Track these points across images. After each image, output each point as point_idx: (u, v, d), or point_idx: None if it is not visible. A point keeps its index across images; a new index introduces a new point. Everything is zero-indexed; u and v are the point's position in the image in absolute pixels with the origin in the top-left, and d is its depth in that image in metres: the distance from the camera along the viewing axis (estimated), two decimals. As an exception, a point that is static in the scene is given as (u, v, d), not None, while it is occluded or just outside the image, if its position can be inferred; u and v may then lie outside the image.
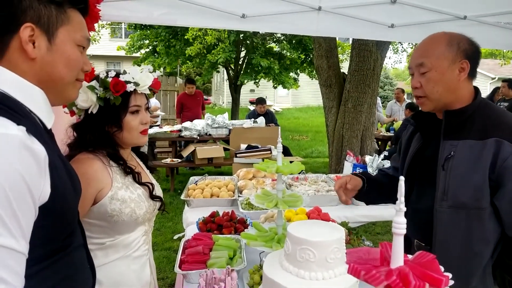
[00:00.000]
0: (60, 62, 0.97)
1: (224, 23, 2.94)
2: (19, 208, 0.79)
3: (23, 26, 0.90)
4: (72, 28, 0.99)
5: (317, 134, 14.80)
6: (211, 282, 1.42)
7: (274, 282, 1.05)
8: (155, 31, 13.41)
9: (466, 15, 2.81)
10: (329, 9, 2.84)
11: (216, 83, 31.39)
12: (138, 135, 1.56)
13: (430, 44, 1.52)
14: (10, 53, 0.92)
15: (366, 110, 6.13)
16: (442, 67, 1.47)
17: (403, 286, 0.70)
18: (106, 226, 1.45)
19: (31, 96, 0.93)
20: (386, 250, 0.79)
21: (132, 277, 1.52)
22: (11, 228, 0.77)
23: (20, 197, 0.79)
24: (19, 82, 0.92)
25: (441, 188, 1.50)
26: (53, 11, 0.95)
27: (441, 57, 1.47)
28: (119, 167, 1.52)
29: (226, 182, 3.16)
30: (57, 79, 0.98)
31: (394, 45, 16.10)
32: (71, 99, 1.08)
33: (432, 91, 1.49)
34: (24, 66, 0.93)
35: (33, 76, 0.94)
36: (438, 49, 1.48)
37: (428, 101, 1.53)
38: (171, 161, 6.59)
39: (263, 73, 14.38)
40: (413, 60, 1.54)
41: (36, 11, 0.92)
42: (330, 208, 2.62)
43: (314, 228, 1.15)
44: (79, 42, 1.01)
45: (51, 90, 0.98)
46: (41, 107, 0.95)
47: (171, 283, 3.58)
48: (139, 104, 1.55)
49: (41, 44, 0.93)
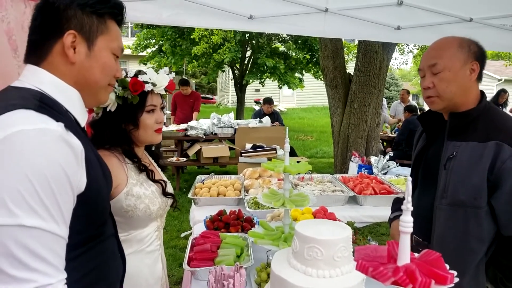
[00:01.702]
0: (96, 68, 1.05)
1: (232, 24, 2.97)
2: (60, 196, 0.85)
3: (67, 32, 0.99)
4: (110, 38, 1.07)
5: (321, 134, 14.81)
6: (220, 278, 1.45)
7: (282, 280, 1.08)
8: (162, 30, 13.47)
9: (472, 18, 2.82)
10: (336, 11, 2.86)
11: (222, 83, 31.44)
12: (153, 134, 1.61)
13: (442, 46, 1.57)
14: (53, 57, 1.00)
15: (372, 111, 6.14)
16: (455, 67, 1.52)
17: (409, 282, 0.72)
18: (121, 221, 1.48)
19: (67, 97, 1.01)
20: (393, 248, 0.82)
21: (145, 271, 1.56)
22: (54, 214, 0.84)
23: (61, 185, 0.86)
24: (58, 83, 1.00)
25: (442, 186, 1.57)
26: (95, 21, 1.03)
27: (454, 58, 1.52)
28: (134, 164, 1.56)
29: (233, 181, 3.19)
30: (92, 83, 1.06)
31: (400, 46, 16.07)
32: (102, 102, 1.17)
33: (445, 90, 1.53)
34: (64, 69, 1.01)
35: (71, 78, 1.02)
36: (450, 51, 1.53)
37: (439, 100, 1.57)
38: (177, 160, 6.63)
39: (269, 73, 14.42)
40: (424, 62, 1.58)
41: (79, 20, 1.01)
42: (336, 208, 2.65)
43: (322, 226, 1.17)
44: (114, 51, 1.09)
45: (86, 92, 1.06)
46: (76, 107, 1.03)
47: (177, 280, 3.62)
48: (155, 104, 1.60)
49: (81, 50, 1.01)
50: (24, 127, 0.83)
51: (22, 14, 1.93)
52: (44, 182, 0.82)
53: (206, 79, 16.85)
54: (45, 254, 0.82)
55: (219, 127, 6.99)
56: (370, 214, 2.83)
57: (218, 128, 6.99)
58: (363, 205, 2.93)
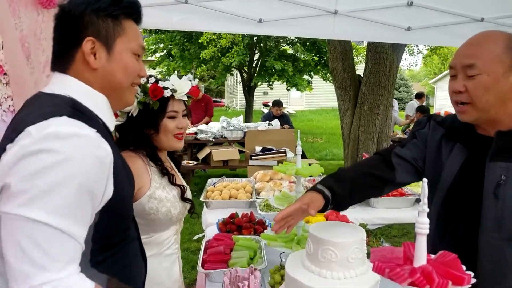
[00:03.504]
0: (119, 71, 1.05)
1: (241, 28, 2.98)
2: (85, 200, 0.88)
3: (85, 40, 1.00)
4: (128, 39, 1.06)
5: (331, 136, 14.76)
6: (235, 280, 1.46)
7: (297, 281, 1.09)
8: (170, 35, 13.56)
9: (483, 17, 2.80)
10: (345, 13, 2.86)
11: (230, 86, 31.53)
12: (173, 139, 1.62)
13: (484, 43, 1.27)
14: (76, 65, 1.02)
15: (382, 112, 6.11)
16: (497, 72, 1.23)
17: (426, 283, 0.73)
18: (143, 223, 1.49)
19: (96, 102, 1.03)
20: (409, 250, 0.82)
21: (163, 274, 1.58)
22: (77, 216, 0.86)
23: (87, 189, 0.87)
24: (86, 89, 1.02)
25: (492, 218, 1.27)
26: (110, 24, 1.03)
27: (497, 60, 1.23)
28: (157, 168, 1.59)
29: (244, 184, 3.20)
30: (116, 86, 1.07)
31: (409, 47, 15.96)
32: (129, 104, 1.17)
33: (481, 98, 1.25)
34: (88, 75, 1.02)
35: (96, 84, 1.04)
36: (494, 50, 1.24)
37: (472, 110, 1.29)
38: (187, 163, 6.67)
39: (277, 76, 14.42)
40: (458, 59, 1.30)
41: (95, 26, 1.01)
42: (348, 210, 2.61)
43: (336, 229, 1.18)
44: (135, 50, 1.08)
45: (112, 96, 1.07)
46: (104, 112, 1.05)
47: (189, 283, 3.64)
48: (176, 110, 1.62)
49: (101, 55, 1.02)
50: (59, 129, 0.85)
51: (35, 22, 1.96)
52: (72, 184, 0.84)
53: (215, 82, 16.90)
54: (52, 251, 0.82)
55: (228, 130, 7.01)
56: (382, 216, 2.82)
57: (227, 131, 7.01)
58: (375, 207, 2.92)
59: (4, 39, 1.70)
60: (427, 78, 39.13)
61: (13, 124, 0.95)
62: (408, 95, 29.65)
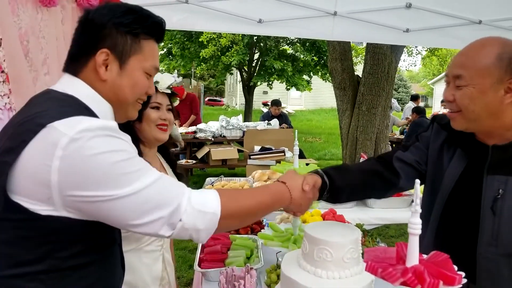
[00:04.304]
0: (127, 86, 1.06)
1: (241, 28, 3.00)
2: None
3: (100, 51, 1.01)
4: (143, 58, 1.07)
5: (330, 136, 14.78)
6: (231, 279, 1.47)
7: (292, 281, 1.09)
8: (170, 33, 13.58)
9: (481, 20, 2.82)
10: (345, 14, 2.87)
11: (230, 85, 31.53)
12: (156, 129, 1.62)
13: (475, 53, 1.25)
14: (87, 72, 1.03)
15: (380, 113, 6.13)
16: (483, 84, 1.21)
17: (418, 283, 0.74)
18: None
19: (102, 110, 1.04)
20: (401, 250, 0.83)
21: (142, 270, 1.56)
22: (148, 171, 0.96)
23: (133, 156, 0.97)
24: (94, 95, 1.03)
25: (488, 232, 1.27)
26: (128, 41, 1.04)
27: (485, 73, 1.21)
28: None
29: (242, 183, 3.20)
30: (122, 100, 1.08)
31: (408, 48, 16.02)
32: (130, 118, 1.17)
33: (467, 109, 1.25)
34: (96, 85, 1.03)
35: (103, 94, 1.04)
36: (484, 62, 1.21)
37: (461, 118, 1.29)
38: (186, 162, 6.68)
39: (276, 75, 14.45)
40: (451, 68, 1.30)
41: (113, 39, 1.02)
42: (345, 210, 2.66)
43: (331, 228, 1.19)
44: (148, 70, 1.09)
45: (116, 108, 1.08)
46: (107, 118, 1.05)
47: (186, 282, 3.65)
48: (160, 102, 1.63)
49: (113, 68, 1.03)
50: (89, 123, 0.89)
51: (34, 20, 1.97)
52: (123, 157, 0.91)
53: (215, 81, 16.92)
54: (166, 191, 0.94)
55: (227, 130, 7.03)
56: (379, 216, 2.83)
57: (226, 130, 7.03)
58: (372, 207, 2.93)
59: (3, 36, 1.70)
60: (426, 79, 39.19)
61: (25, 117, 0.94)
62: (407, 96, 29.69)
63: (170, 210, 0.92)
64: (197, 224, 0.94)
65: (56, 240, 0.92)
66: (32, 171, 0.87)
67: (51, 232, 0.90)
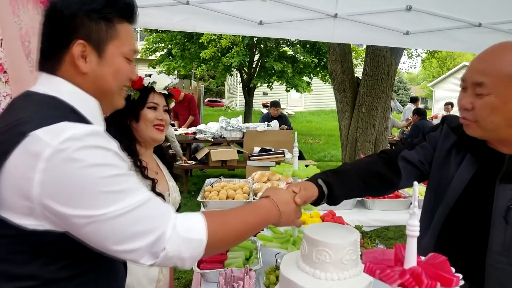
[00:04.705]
0: (109, 75, 1.01)
1: (242, 30, 3.00)
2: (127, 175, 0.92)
3: (76, 43, 0.95)
4: (121, 43, 1.01)
5: (329, 137, 14.79)
6: (230, 280, 1.48)
7: (291, 282, 1.10)
8: (171, 34, 13.61)
9: (481, 23, 2.82)
10: (345, 16, 2.88)
11: (230, 86, 31.55)
12: (153, 129, 1.64)
13: (497, 60, 1.17)
14: (65, 67, 0.97)
15: (380, 115, 6.14)
16: (506, 94, 1.15)
17: (416, 285, 0.74)
18: None
19: (87, 106, 0.98)
20: (400, 251, 0.84)
21: (139, 271, 1.56)
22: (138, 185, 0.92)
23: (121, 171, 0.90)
24: (77, 92, 0.98)
25: (500, 242, 1.23)
26: (103, 27, 0.98)
27: (507, 80, 1.14)
28: (133, 162, 1.56)
29: (241, 184, 3.21)
30: (106, 90, 1.02)
31: (408, 50, 16.06)
32: (117, 107, 1.12)
33: (486, 119, 1.19)
34: (77, 79, 0.98)
35: (86, 88, 0.99)
36: (508, 69, 1.14)
37: (477, 128, 1.23)
38: (186, 163, 6.68)
39: (276, 77, 14.46)
40: (470, 73, 1.22)
41: (87, 28, 0.96)
42: (344, 212, 2.66)
43: (330, 230, 1.20)
44: (127, 55, 1.04)
45: (102, 99, 1.03)
46: (95, 115, 1.00)
47: (185, 283, 3.65)
48: (157, 102, 1.65)
49: (92, 59, 0.97)
50: (74, 131, 0.83)
51: (35, 21, 1.98)
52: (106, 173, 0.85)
53: (215, 82, 16.93)
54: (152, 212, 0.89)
55: (227, 131, 7.04)
56: (378, 218, 2.84)
57: (226, 131, 7.04)
58: (371, 209, 2.94)
59: (4, 37, 1.71)
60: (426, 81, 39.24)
61: (7, 124, 0.87)
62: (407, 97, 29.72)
63: (153, 238, 0.86)
64: (182, 252, 0.89)
65: (48, 254, 0.88)
66: (15, 184, 0.82)
67: (42, 245, 0.86)
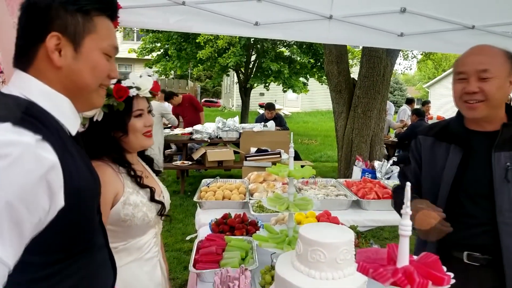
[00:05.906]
0: (86, 71, 0.96)
1: (238, 30, 3.02)
2: (15, 218, 0.77)
3: (49, 35, 0.91)
4: (99, 37, 0.97)
5: (326, 138, 14.82)
6: (226, 280, 1.49)
7: (286, 281, 1.11)
8: (167, 34, 13.57)
9: (474, 25, 2.85)
10: (340, 18, 2.90)
11: (226, 86, 31.53)
12: (143, 137, 1.58)
13: (491, 53, 1.56)
14: (38, 62, 0.93)
15: (376, 116, 6.17)
16: (504, 77, 1.53)
17: (408, 283, 0.76)
18: (119, 230, 1.47)
19: (57, 105, 0.94)
20: (392, 251, 0.85)
21: (145, 279, 1.56)
22: (5, 238, 0.76)
23: (16, 206, 0.77)
24: (46, 91, 0.93)
25: (507, 200, 1.51)
26: (80, 20, 0.94)
27: (502, 67, 1.53)
28: (127, 172, 1.53)
29: (237, 185, 3.22)
30: (82, 87, 0.98)
31: (404, 52, 16.10)
32: (97, 106, 1.07)
33: (495, 96, 1.52)
34: (50, 74, 0.93)
35: (59, 84, 0.95)
36: (500, 59, 1.54)
37: (485, 106, 1.54)
38: (182, 163, 6.68)
39: (273, 77, 14.47)
40: (472, 65, 1.55)
41: (63, 20, 0.92)
42: (339, 212, 2.68)
43: (325, 230, 1.21)
44: (106, 50, 1.00)
45: (78, 97, 0.99)
46: (66, 115, 0.96)
47: (181, 283, 3.66)
48: (142, 108, 1.57)
49: (67, 53, 0.93)
50: None
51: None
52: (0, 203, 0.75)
53: (211, 82, 16.93)
54: None
55: (224, 131, 7.04)
56: (373, 218, 2.85)
57: (223, 132, 7.04)
58: (366, 209, 2.96)
59: (1, 37, 1.71)
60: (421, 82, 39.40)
61: None
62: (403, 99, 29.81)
63: None
64: None
65: None
66: None
67: None
